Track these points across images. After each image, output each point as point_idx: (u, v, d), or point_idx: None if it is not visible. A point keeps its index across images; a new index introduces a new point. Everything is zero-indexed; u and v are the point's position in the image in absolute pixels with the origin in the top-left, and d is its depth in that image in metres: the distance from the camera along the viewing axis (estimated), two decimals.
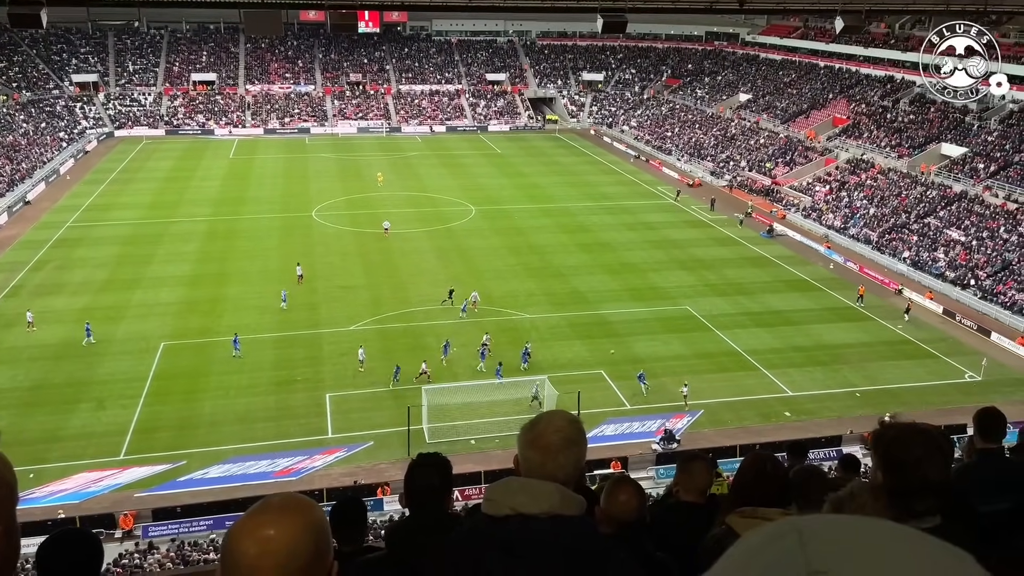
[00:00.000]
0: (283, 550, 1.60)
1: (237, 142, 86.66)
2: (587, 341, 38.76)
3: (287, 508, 1.68)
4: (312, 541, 1.65)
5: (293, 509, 1.68)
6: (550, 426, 2.46)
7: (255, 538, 1.61)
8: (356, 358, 35.60)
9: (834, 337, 40.62)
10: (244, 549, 1.60)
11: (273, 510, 1.67)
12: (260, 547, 1.59)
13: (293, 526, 1.64)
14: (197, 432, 30.98)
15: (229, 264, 48.93)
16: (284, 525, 1.63)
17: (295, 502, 1.72)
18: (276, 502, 1.70)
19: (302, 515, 1.67)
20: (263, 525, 1.63)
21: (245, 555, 1.59)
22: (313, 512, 1.71)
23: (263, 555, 1.59)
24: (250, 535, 1.61)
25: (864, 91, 76.54)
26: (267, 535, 1.61)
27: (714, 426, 32.64)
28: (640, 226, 58.45)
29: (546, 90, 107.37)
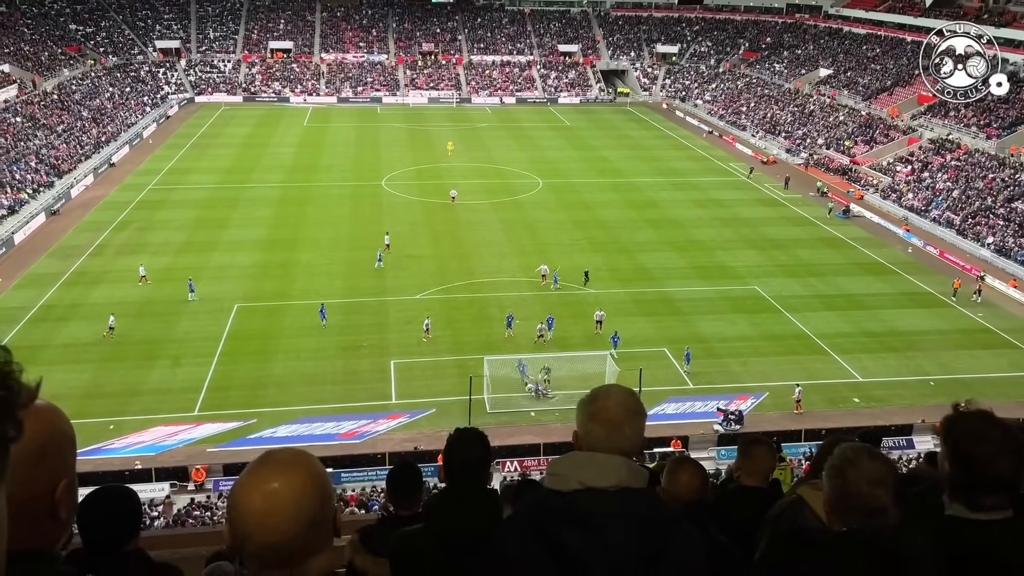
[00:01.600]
0: (289, 502, 1.66)
1: (311, 110, 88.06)
2: (651, 318, 38.42)
3: (289, 461, 1.74)
4: (316, 492, 1.71)
5: (295, 462, 1.74)
6: (610, 399, 2.45)
7: (261, 492, 1.67)
8: (421, 327, 36.03)
9: (909, 323, 39.32)
10: (250, 503, 1.67)
11: (276, 463, 1.73)
12: (266, 500, 1.65)
13: (298, 478, 1.70)
14: (267, 392, 31.98)
15: (301, 230, 50.01)
16: (288, 478, 1.69)
17: (296, 455, 1.79)
18: (278, 456, 1.76)
19: (304, 467, 1.73)
20: (268, 479, 1.69)
21: (252, 509, 1.66)
22: (314, 464, 1.77)
23: (270, 508, 1.65)
24: (256, 489, 1.68)
25: None
26: (272, 488, 1.66)
27: (779, 409, 32.09)
28: (710, 203, 57.38)
29: (618, 62, 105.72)
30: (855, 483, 2.48)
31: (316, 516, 1.71)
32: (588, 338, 36.39)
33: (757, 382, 33.59)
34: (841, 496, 2.50)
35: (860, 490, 2.46)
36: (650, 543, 2.14)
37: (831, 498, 2.55)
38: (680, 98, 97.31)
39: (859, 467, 2.50)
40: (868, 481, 2.47)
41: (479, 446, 3.71)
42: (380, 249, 44.89)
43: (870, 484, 2.47)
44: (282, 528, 1.67)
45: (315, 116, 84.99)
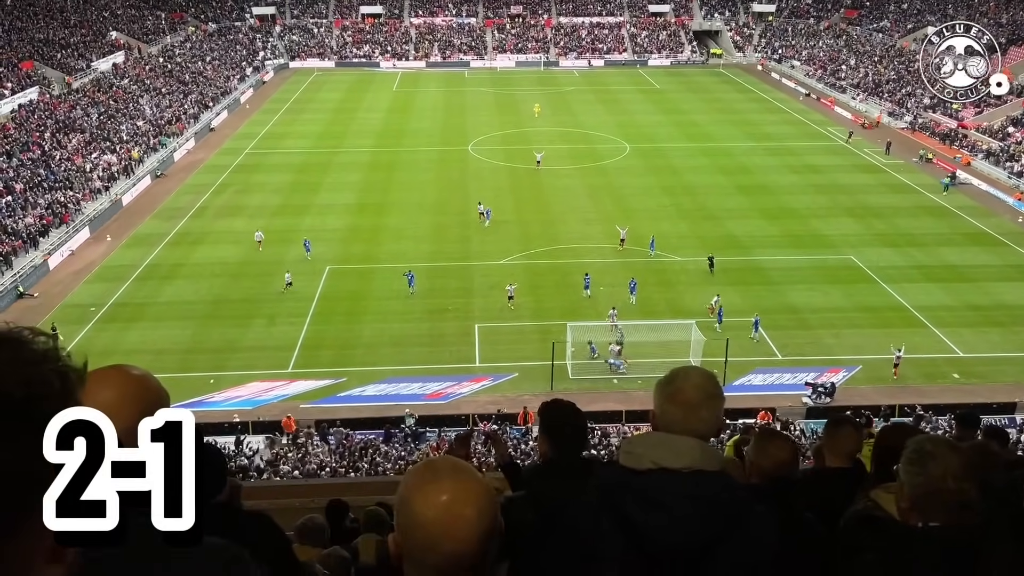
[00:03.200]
0: (473, 512, 1.69)
1: (400, 75, 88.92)
2: (739, 287, 37.61)
3: (460, 471, 1.77)
4: (490, 501, 1.74)
5: (466, 472, 1.77)
6: (688, 381, 2.46)
7: (446, 502, 1.68)
8: (505, 294, 36.32)
9: (1017, 297, 37.25)
10: (435, 514, 1.67)
11: (448, 473, 1.75)
12: (453, 510, 1.67)
13: (473, 488, 1.72)
14: (356, 352, 32.98)
15: (389, 195, 50.90)
16: (466, 488, 1.71)
17: (462, 466, 1.81)
18: (448, 466, 1.78)
19: (475, 477, 1.76)
20: (448, 489, 1.70)
21: (437, 519, 1.67)
22: (478, 474, 1.81)
23: (459, 517, 1.68)
24: (438, 498, 1.68)
25: None
26: (457, 499, 1.68)
27: (872, 383, 31.08)
28: (805, 169, 55.38)
29: (712, 22, 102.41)
30: (940, 478, 2.40)
31: (493, 525, 1.74)
32: (673, 307, 35.96)
33: (849, 355, 32.57)
34: (925, 493, 2.43)
35: (946, 485, 2.39)
36: (720, 525, 2.17)
37: (912, 494, 2.47)
38: (776, 59, 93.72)
39: (943, 461, 2.43)
40: (954, 476, 2.40)
41: (573, 414, 3.76)
42: (487, 207, 46.02)
43: (956, 479, 2.39)
44: (467, 538, 1.68)
45: (404, 81, 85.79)
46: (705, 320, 33.82)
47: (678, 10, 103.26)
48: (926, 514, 2.41)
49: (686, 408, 2.41)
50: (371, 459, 25.66)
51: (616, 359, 31.75)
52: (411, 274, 37.60)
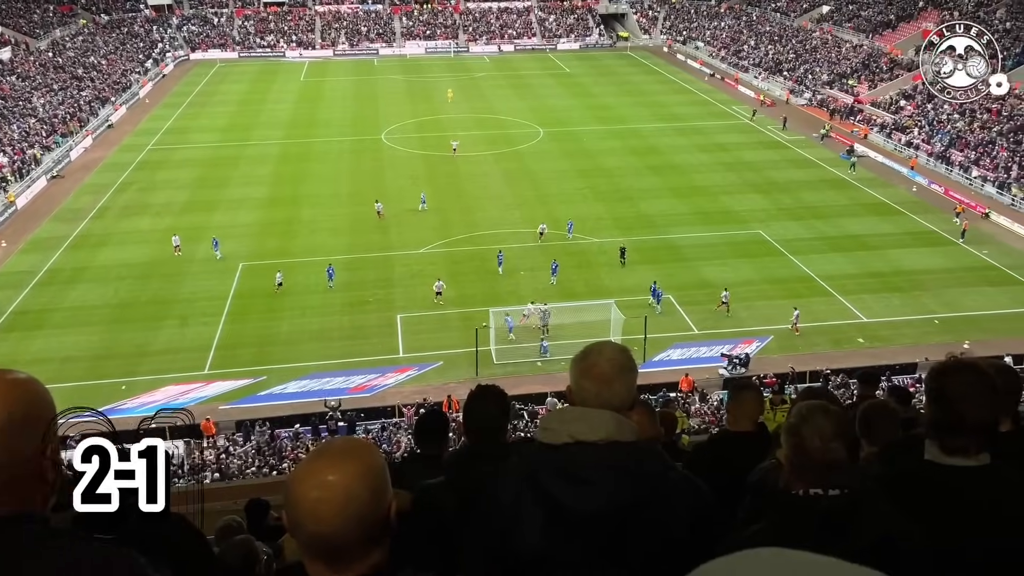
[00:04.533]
0: (341, 494, 1.70)
1: (308, 64, 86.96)
2: (655, 266, 38.41)
3: (346, 454, 1.78)
4: (369, 486, 1.74)
5: (352, 455, 1.78)
6: (602, 356, 2.52)
7: (316, 482, 1.71)
8: (428, 283, 36.10)
9: (914, 262, 39.28)
10: (305, 492, 1.71)
11: (333, 455, 1.78)
12: (320, 491, 1.70)
13: (352, 472, 1.73)
14: (276, 349, 32.29)
15: (302, 187, 49.86)
16: (343, 471, 1.73)
17: (354, 448, 1.82)
18: (336, 448, 1.81)
19: (361, 461, 1.77)
20: (323, 470, 1.73)
21: (306, 498, 1.71)
22: (371, 458, 1.80)
23: (322, 499, 1.70)
24: (311, 479, 1.72)
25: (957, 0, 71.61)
26: (327, 480, 1.70)
27: (784, 351, 32.30)
28: (713, 147, 56.87)
29: (618, 5, 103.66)
30: (810, 439, 2.53)
31: (367, 511, 1.73)
32: (592, 288, 36.48)
33: (761, 325, 33.75)
34: (797, 454, 2.55)
35: (814, 445, 2.52)
36: (636, 494, 2.24)
37: (789, 456, 2.60)
38: (681, 41, 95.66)
39: (813, 424, 2.55)
40: (822, 437, 2.52)
41: (498, 402, 3.78)
42: (424, 191, 46.11)
43: (824, 439, 2.52)
44: (332, 521, 1.70)
45: (312, 70, 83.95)
46: (623, 300, 34.43)
47: None
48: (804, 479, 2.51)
49: (600, 382, 2.46)
50: (296, 456, 25.22)
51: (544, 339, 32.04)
52: (331, 268, 37.00)
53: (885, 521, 2.41)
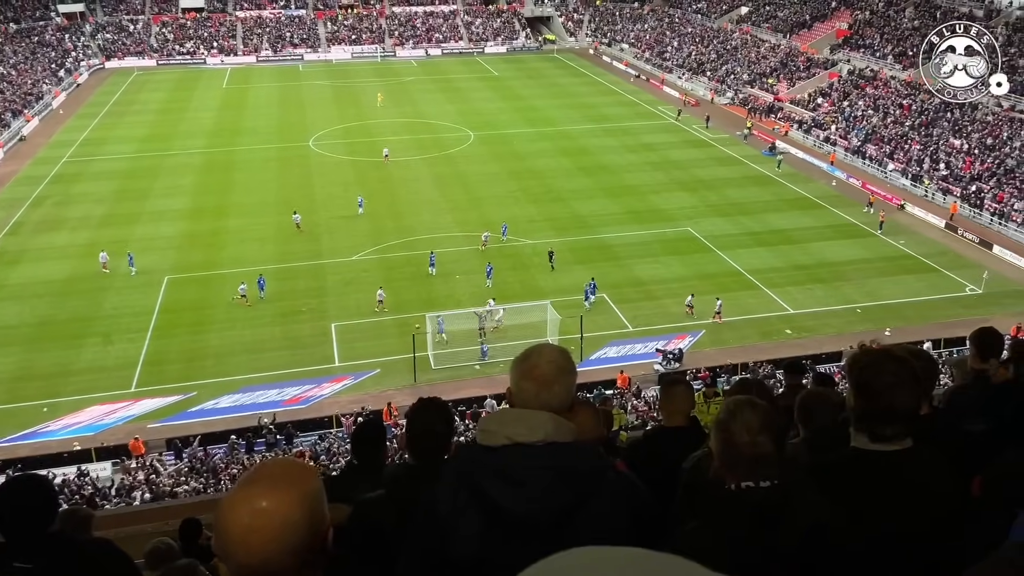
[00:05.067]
0: (276, 522, 1.59)
1: (230, 71, 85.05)
2: (589, 265, 38.79)
3: (281, 479, 1.66)
4: (306, 512, 1.63)
5: (287, 480, 1.65)
6: (542, 357, 2.52)
7: (248, 510, 1.59)
8: (365, 293, 35.74)
9: (836, 254, 40.65)
10: (236, 520, 1.59)
11: (267, 480, 1.65)
12: (252, 519, 1.58)
13: (287, 498, 1.61)
14: (206, 364, 31.43)
15: (227, 197, 48.71)
16: (278, 497, 1.60)
17: (290, 473, 1.70)
18: (270, 472, 1.68)
19: (297, 486, 1.65)
20: (256, 496, 1.61)
21: (237, 526, 1.59)
22: (308, 482, 1.68)
23: (255, 528, 1.58)
24: (243, 506, 1.60)
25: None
26: (260, 507, 1.58)
27: (716, 345, 33.01)
28: (641, 147, 57.79)
29: (543, 8, 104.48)
30: (738, 434, 2.57)
31: (302, 541, 1.62)
32: (528, 289, 36.64)
33: (694, 320, 34.42)
34: (726, 448, 2.59)
35: (743, 439, 2.56)
36: (575, 493, 2.24)
37: (719, 451, 2.64)
38: (607, 43, 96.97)
39: (741, 419, 2.59)
40: (749, 430, 2.56)
41: (441, 418, 3.70)
42: (361, 196, 45.87)
43: (751, 433, 2.56)
44: (264, 550, 1.58)
45: (234, 77, 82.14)
46: (559, 300, 34.68)
47: None
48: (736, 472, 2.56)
49: (540, 383, 2.46)
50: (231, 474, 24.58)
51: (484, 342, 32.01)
52: (261, 278, 36.22)
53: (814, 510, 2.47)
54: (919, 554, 2.57)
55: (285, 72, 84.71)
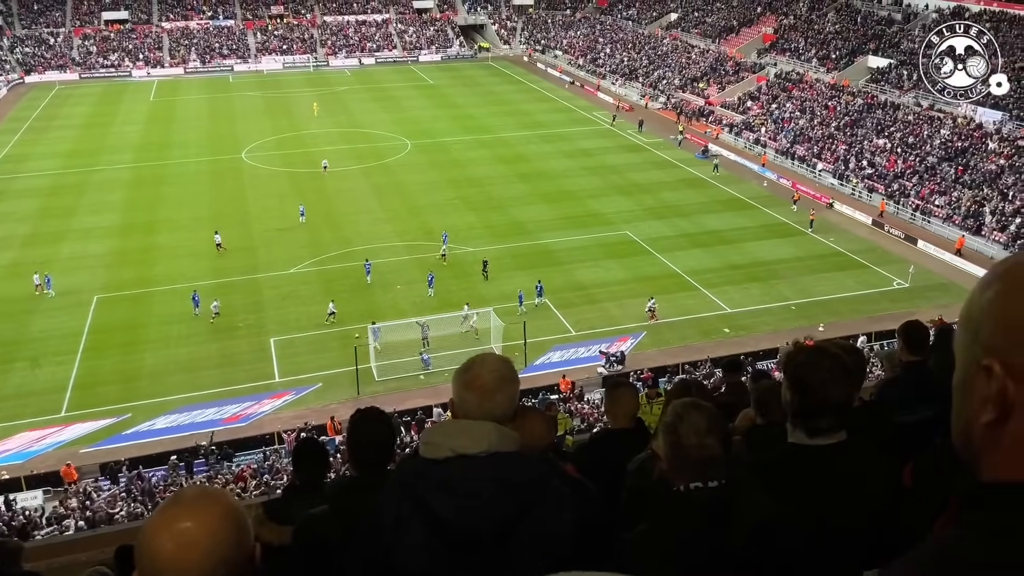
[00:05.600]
0: (203, 541, 1.55)
1: (157, 83, 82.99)
2: (531, 271, 38.92)
3: (200, 499, 1.63)
4: (232, 529, 1.60)
5: (207, 498, 1.64)
6: (484, 367, 2.51)
7: (172, 533, 1.55)
8: (305, 304, 35.24)
9: (769, 253, 41.66)
10: (161, 545, 1.54)
11: (186, 501, 1.62)
12: (178, 541, 1.54)
13: (211, 516, 1.58)
14: (140, 384, 30.51)
15: (158, 212, 47.44)
16: (201, 516, 1.57)
17: (206, 493, 1.69)
18: (189, 495, 1.65)
19: (218, 504, 1.62)
20: (178, 518, 1.57)
21: (163, 551, 1.54)
22: (227, 499, 1.67)
23: (183, 549, 1.54)
24: (166, 530, 1.56)
25: (790, 4, 76.72)
26: (184, 528, 1.55)
27: (657, 346, 33.46)
28: (577, 153, 58.35)
29: (476, 16, 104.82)
30: (686, 436, 2.60)
31: (232, 554, 1.59)
32: (471, 296, 36.58)
33: (635, 323, 34.84)
34: (675, 451, 2.62)
35: (691, 442, 2.59)
36: (520, 503, 2.23)
37: (668, 454, 2.67)
38: (540, 50, 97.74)
39: (688, 421, 2.63)
40: (697, 433, 2.60)
41: (382, 427, 3.67)
42: (302, 204, 45.46)
43: (699, 435, 2.59)
44: (196, 568, 1.54)
45: (161, 89, 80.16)
46: (501, 307, 34.73)
47: (442, 6, 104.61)
48: (683, 474, 2.59)
49: (483, 393, 2.45)
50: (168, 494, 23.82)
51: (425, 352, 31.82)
52: (195, 294, 35.37)
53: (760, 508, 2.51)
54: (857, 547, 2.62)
55: (215, 83, 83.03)
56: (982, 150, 47.88)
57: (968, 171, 46.85)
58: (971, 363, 1.10)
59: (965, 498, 1.11)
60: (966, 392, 1.12)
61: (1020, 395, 1.05)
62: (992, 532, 1.03)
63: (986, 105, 50.16)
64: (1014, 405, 1.05)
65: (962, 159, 48.01)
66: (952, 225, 43.91)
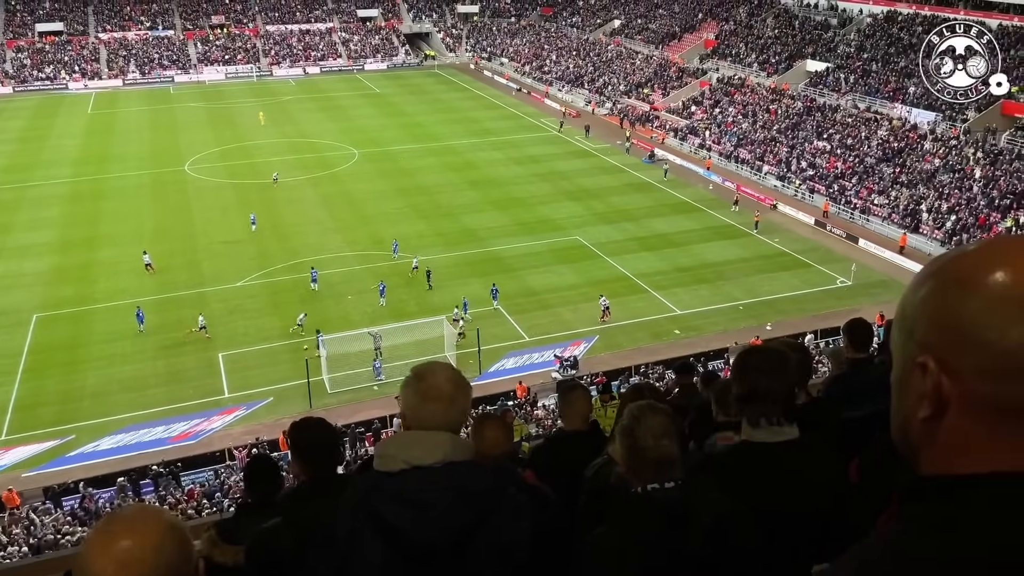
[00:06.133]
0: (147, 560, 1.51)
1: (95, 95, 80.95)
2: (483, 279, 38.92)
3: (136, 517, 1.60)
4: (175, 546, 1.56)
5: (147, 517, 1.60)
6: (435, 376, 2.47)
7: (112, 553, 1.50)
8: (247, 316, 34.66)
9: (716, 255, 42.34)
10: (102, 567, 1.50)
11: (124, 520, 1.58)
12: (120, 561, 1.50)
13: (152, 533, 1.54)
14: (83, 404, 29.64)
15: (99, 227, 46.21)
16: (142, 534, 1.53)
17: (143, 511, 1.65)
18: (127, 513, 1.62)
19: (158, 521, 1.58)
20: (118, 537, 1.52)
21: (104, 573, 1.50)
22: (167, 516, 1.63)
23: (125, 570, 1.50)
24: (105, 552, 1.51)
25: (730, 10, 78.25)
26: (123, 546, 1.51)
27: (609, 349, 33.71)
28: (526, 160, 58.58)
29: (421, 24, 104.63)
30: (643, 438, 2.64)
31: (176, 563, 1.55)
32: (423, 306, 36.42)
33: (587, 327, 35.06)
34: (632, 453, 2.65)
35: (647, 444, 2.62)
36: (474, 513, 2.22)
37: (625, 457, 2.70)
38: (487, 58, 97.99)
39: (645, 424, 2.66)
40: (654, 435, 2.63)
41: (321, 428, 3.65)
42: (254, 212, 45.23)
43: (656, 437, 2.63)
44: None
45: (100, 102, 78.21)
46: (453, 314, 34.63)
47: (387, 14, 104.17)
48: (640, 475, 2.62)
49: (434, 403, 2.41)
50: None
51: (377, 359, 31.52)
52: (140, 310, 34.51)
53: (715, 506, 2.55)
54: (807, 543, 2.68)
55: (155, 95, 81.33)
56: (918, 150, 49.42)
57: (905, 171, 48.30)
58: (907, 360, 1.13)
59: (905, 492, 1.13)
60: (903, 389, 1.15)
61: (954, 391, 1.07)
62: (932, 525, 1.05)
63: (920, 106, 51.90)
64: (949, 400, 1.08)
65: (899, 159, 49.48)
66: (891, 224, 45.20)
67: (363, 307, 36.15)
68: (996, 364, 1.03)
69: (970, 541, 1.01)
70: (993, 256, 1.08)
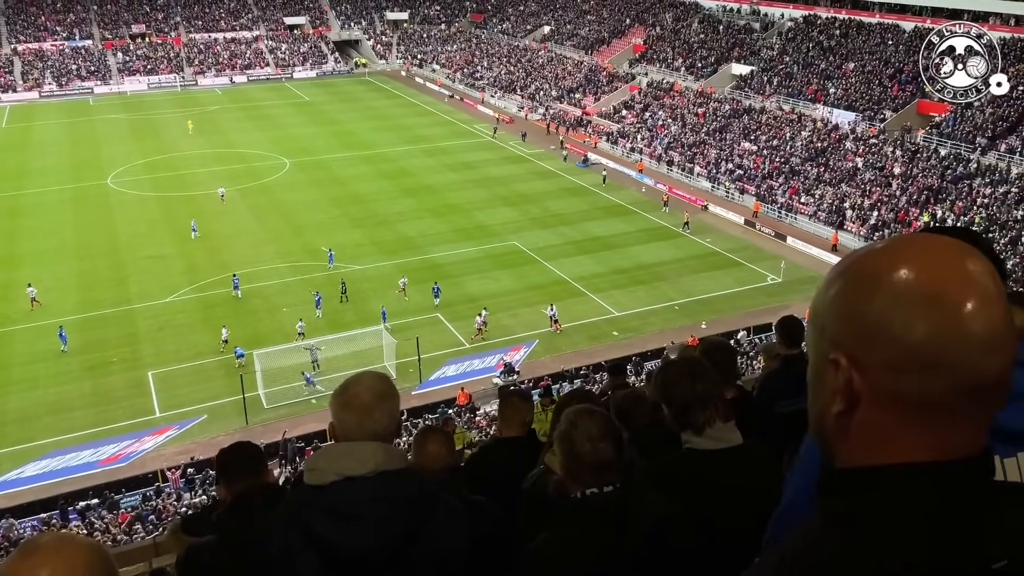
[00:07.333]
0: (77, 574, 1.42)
1: (9, 109, 77.84)
2: (420, 286, 38.68)
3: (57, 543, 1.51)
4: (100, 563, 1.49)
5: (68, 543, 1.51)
6: (360, 385, 2.47)
7: None
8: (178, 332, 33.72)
9: (651, 256, 42.99)
10: None
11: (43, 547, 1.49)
12: None
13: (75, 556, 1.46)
14: (5, 430, 28.37)
15: (16, 245, 44.35)
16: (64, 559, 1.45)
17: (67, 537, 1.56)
18: (46, 540, 1.52)
19: (77, 544, 1.51)
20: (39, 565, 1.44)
21: None
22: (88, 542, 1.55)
23: None
24: None
25: (657, 15, 79.71)
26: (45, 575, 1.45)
27: (550, 353, 33.86)
28: (461, 166, 58.54)
29: (351, 32, 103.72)
30: (580, 443, 2.61)
31: None
32: (361, 316, 35.98)
33: (527, 331, 35.16)
34: (570, 458, 2.62)
35: (585, 448, 2.59)
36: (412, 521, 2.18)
37: (563, 462, 2.67)
38: (418, 64, 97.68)
39: (581, 427, 2.64)
40: (590, 438, 2.61)
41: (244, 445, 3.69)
42: (194, 219, 44.85)
43: (592, 440, 2.60)
44: None
45: (15, 115, 75.22)
46: (394, 323, 34.31)
47: (315, 21, 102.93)
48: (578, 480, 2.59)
49: (362, 412, 2.40)
50: None
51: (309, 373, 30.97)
52: (62, 330, 33.21)
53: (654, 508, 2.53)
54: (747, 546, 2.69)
55: (74, 107, 78.64)
56: (840, 150, 51.10)
57: (828, 170, 49.89)
58: (820, 357, 1.16)
59: (822, 485, 1.17)
60: (818, 385, 1.18)
61: (865, 386, 1.10)
62: (847, 517, 1.09)
63: (840, 107, 53.71)
64: (860, 395, 1.11)
65: (822, 158, 51.09)
66: (818, 222, 46.60)
67: (298, 319, 35.50)
68: (902, 359, 1.07)
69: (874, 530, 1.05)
70: (899, 254, 1.12)
